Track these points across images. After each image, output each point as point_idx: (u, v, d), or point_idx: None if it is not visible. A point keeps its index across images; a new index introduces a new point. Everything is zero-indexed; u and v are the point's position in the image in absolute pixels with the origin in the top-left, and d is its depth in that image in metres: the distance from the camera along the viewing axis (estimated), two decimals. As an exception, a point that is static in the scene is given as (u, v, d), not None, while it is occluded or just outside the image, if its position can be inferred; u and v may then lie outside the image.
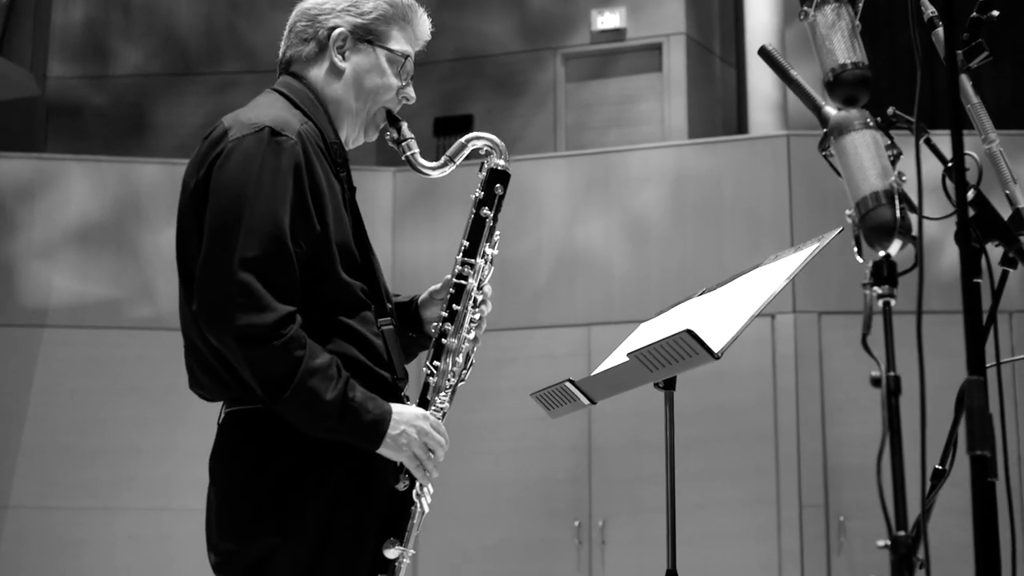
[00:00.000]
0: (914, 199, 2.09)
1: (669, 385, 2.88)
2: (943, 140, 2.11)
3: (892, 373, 1.90)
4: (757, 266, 2.92)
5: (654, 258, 9.00)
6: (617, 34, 11.05)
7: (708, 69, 11.24)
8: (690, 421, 7.60)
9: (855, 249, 2.08)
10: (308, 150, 2.69)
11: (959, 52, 2.42)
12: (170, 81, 11.47)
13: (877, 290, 1.96)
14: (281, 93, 2.86)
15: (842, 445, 8.44)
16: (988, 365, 2.14)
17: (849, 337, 8.33)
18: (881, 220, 2.01)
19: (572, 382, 2.96)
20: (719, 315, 2.70)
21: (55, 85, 11.26)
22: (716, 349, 2.52)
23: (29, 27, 9.78)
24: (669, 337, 2.57)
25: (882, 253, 1.99)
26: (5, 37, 9.45)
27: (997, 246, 2.32)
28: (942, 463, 2.35)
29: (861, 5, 2.21)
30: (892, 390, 1.89)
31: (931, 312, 3.26)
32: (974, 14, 2.44)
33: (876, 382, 1.90)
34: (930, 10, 2.45)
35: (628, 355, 2.71)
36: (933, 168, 2.24)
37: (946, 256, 8.01)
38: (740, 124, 11.19)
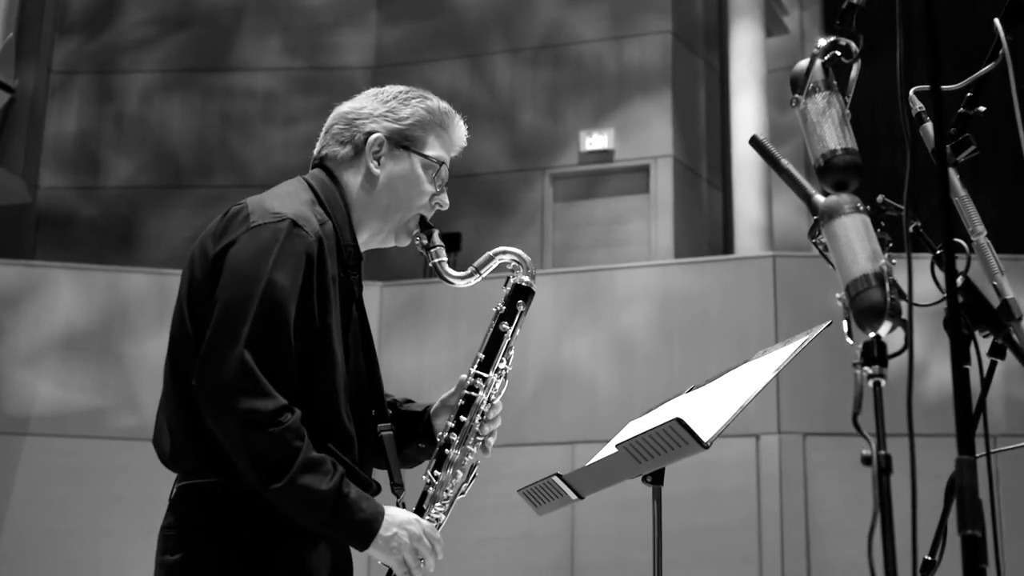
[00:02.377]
0: (903, 285, 2.11)
1: (657, 479, 2.86)
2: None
3: (883, 452, 1.90)
4: (745, 362, 2.92)
5: (640, 377, 9.00)
6: (605, 155, 11.18)
7: (695, 191, 11.35)
8: (673, 543, 7.52)
9: (845, 332, 2.08)
10: (323, 249, 2.69)
11: (948, 146, 2.45)
12: (161, 193, 11.54)
13: (867, 370, 1.96)
14: (310, 185, 2.87)
15: (827, 569, 8.38)
16: (979, 455, 2.14)
17: (834, 459, 8.32)
18: (871, 302, 2.02)
19: (560, 476, 2.94)
20: (708, 407, 2.70)
21: (46, 195, 11.32)
22: (705, 439, 2.52)
23: (23, 136, 9.86)
24: (658, 427, 2.57)
25: (872, 335, 1.99)
26: (-2, 146, 9.52)
27: (986, 335, 2.33)
28: (931, 553, 2.34)
29: (851, 95, 2.25)
30: (883, 468, 1.89)
31: (919, 435, 3.27)
32: (961, 109, 2.48)
33: (867, 460, 1.90)
34: (918, 105, 2.49)
35: (617, 446, 2.71)
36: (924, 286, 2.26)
37: (931, 378, 8.03)
38: (726, 246, 11.28)
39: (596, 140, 11.20)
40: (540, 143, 11.38)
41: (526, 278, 3.00)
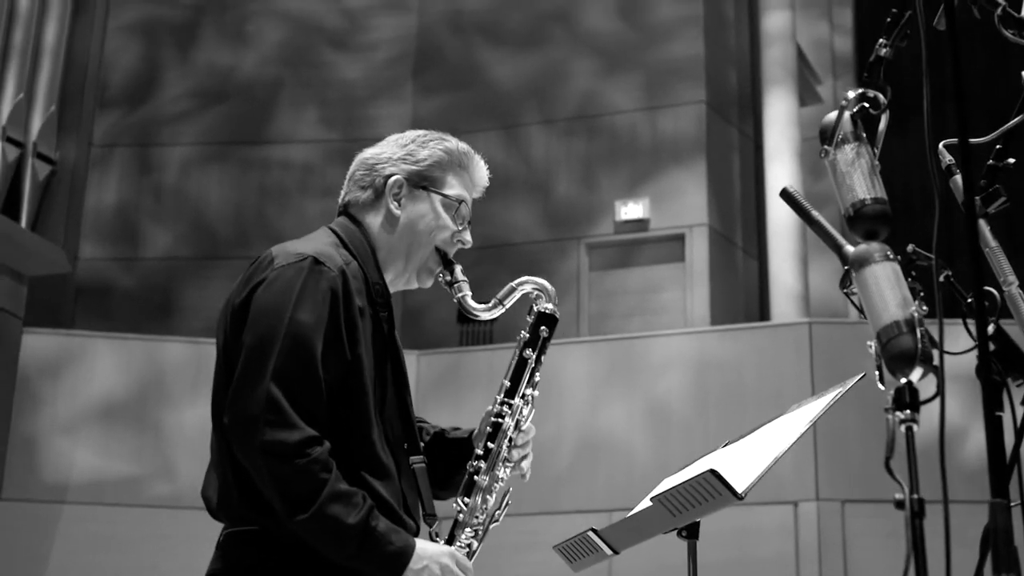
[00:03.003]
0: (935, 334, 2.12)
1: (692, 534, 2.87)
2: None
3: (915, 496, 1.90)
4: (779, 415, 2.93)
5: (676, 444, 8.98)
6: (640, 224, 11.20)
7: (730, 259, 11.36)
8: (712, 607, 7.48)
9: (876, 379, 2.10)
10: (348, 284, 2.75)
11: (977, 198, 2.47)
12: (198, 264, 11.64)
13: (899, 415, 1.97)
14: (334, 232, 2.94)
15: (867, 638, 8.30)
16: (1013, 504, 2.14)
17: (874, 526, 8.26)
18: (903, 348, 2.03)
19: (595, 531, 2.95)
20: (742, 459, 2.71)
21: (86, 266, 11.43)
22: (740, 490, 2.52)
23: (63, 208, 9.98)
24: (693, 479, 2.58)
25: (903, 380, 2.01)
26: (40, 215, 9.63)
27: (1020, 384, 2.33)
28: (968, 603, 2.33)
29: (880, 146, 2.27)
30: (915, 512, 1.90)
31: (955, 502, 3.25)
32: (991, 161, 2.51)
33: (900, 504, 1.91)
34: (947, 158, 2.51)
35: (652, 499, 2.71)
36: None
37: (971, 443, 7.97)
38: (762, 314, 11.27)
39: (631, 209, 11.24)
40: (575, 213, 11.43)
41: (549, 306, 3.04)
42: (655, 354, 9.40)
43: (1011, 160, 2.48)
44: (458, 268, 2.97)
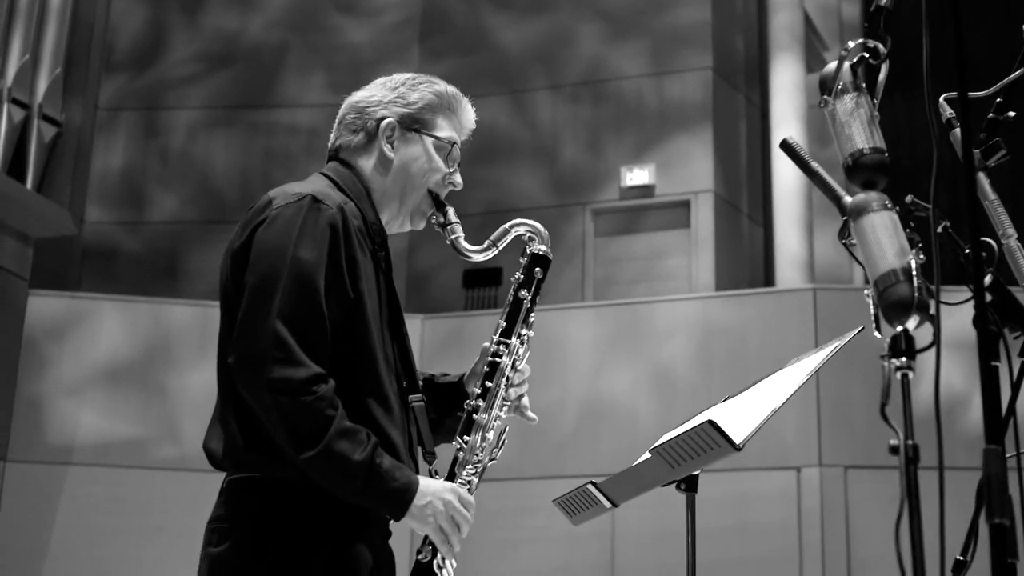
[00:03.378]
0: (932, 284, 2.12)
1: (691, 487, 2.88)
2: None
3: (910, 441, 1.91)
4: (778, 370, 2.94)
5: (680, 409, 8.97)
6: (646, 190, 11.19)
7: (735, 226, 11.35)
8: None
9: (873, 326, 2.10)
10: (347, 221, 2.76)
11: (976, 151, 2.47)
12: (204, 228, 11.64)
13: (895, 362, 1.98)
14: (327, 176, 2.94)
15: (869, 603, 8.32)
16: (1009, 455, 2.15)
17: (876, 492, 8.27)
18: (899, 296, 2.04)
19: (594, 484, 2.96)
20: (740, 412, 2.72)
21: (92, 229, 11.44)
22: (738, 441, 2.53)
23: (69, 170, 9.99)
24: (690, 430, 2.59)
25: (899, 328, 2.01)
26: (45, 177, 9.64)
27: (1016, 336, 2.34)
28: (963, 553, 2.34)
29: (880, 96, 2.27)
30: (911, 458, 1.90)
31: (955, 468, 3.26)
32: (991, 115, 2.50)
33: (895, 450, 1.91)
34: (948, 111, 2.51)
35: (650, 451, 2.72)
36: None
37: (972, 412, 7.98)
38: (767, 281, 11.26)
39: (637, 175, 11.22)
40: (581, 178, 11.41)
41: (543, 247, 3.06)
42: (660, 319, 9.41)
43: (1011, 113, 2.48)
44: (451, 210, 2.99)
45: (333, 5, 12.31)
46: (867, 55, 2.27)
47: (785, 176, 10.94)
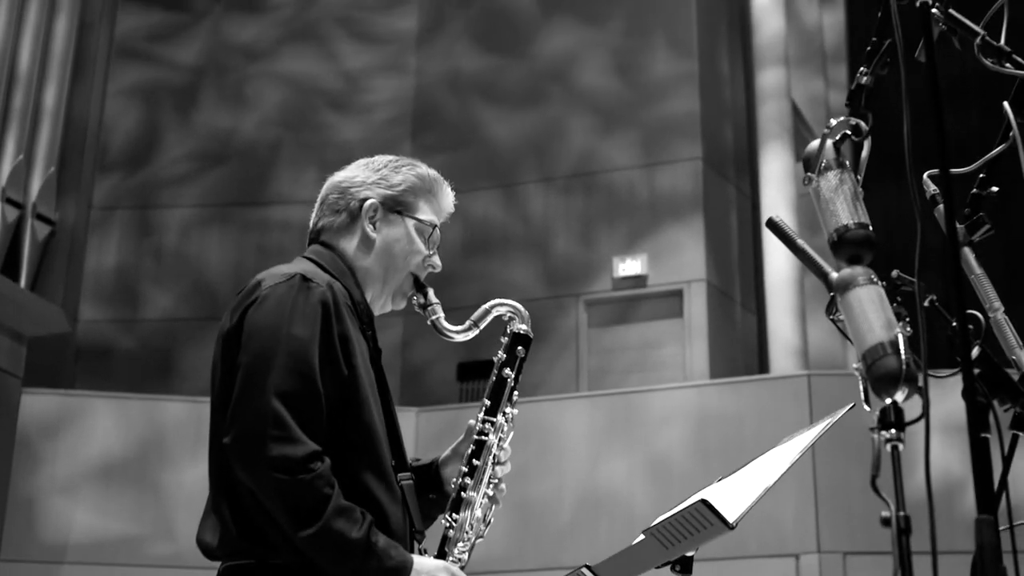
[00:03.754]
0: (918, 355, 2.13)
1: (685, 568, 2.86)
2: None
3: (902, 513, 1.91)
4: (769, 450, 2.94)
5: (677, 497, 8.86)
6: (638, 280, 11.24)
7: (729, 315, 11.38)
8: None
9: (863, 400, 2.11)
10: (337, 299, 2.78)
11: (962, 227, 2.50)
12: (198, 325, 11.65)
13: (884, 434, 1.99)
14: (310, 259, 2.96)
15: None
16: (1002, 528, 2.15)
17: (876, 579, 8.22)
18: (887, 369, 2.05)
19: (589, 567, 2.94)
20: (733, 491, 2.72)
21: (86, 328, 11.45)
22: (731, 519, 2.53)
23: (62, 269, 10.02)
24: (684, 509, 2.58)
25: (888, 400, 2.02)
26: (39, 276, 9.67)
27: (1007, 410, 2.34)
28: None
29: (863, 173, 2.30)
30: (902, 529, 1.90)
31: (953, 552, 3.26)
32: (974, 190, 2.53)
33: (886, 522, 1.91)
34: (932, 188, 2.54)
35: (643, 532, 2.72)
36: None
37: (969, 496, 7.93)
38: (762, 368, 11.27)
39: (629, 266, 11.27)
40: (574, 270, 11.47)
41: (523, 326, 3.06)
42: (655, 408, 9.40)
43: (994, 188, 2.51)
44: (431, 291, 3.01)
45: (325, 103, 12.43)
46: (849, 132, 2.30)
47: (777, 264, 10.99)
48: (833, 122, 2.31)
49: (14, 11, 9.78)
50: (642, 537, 2.75)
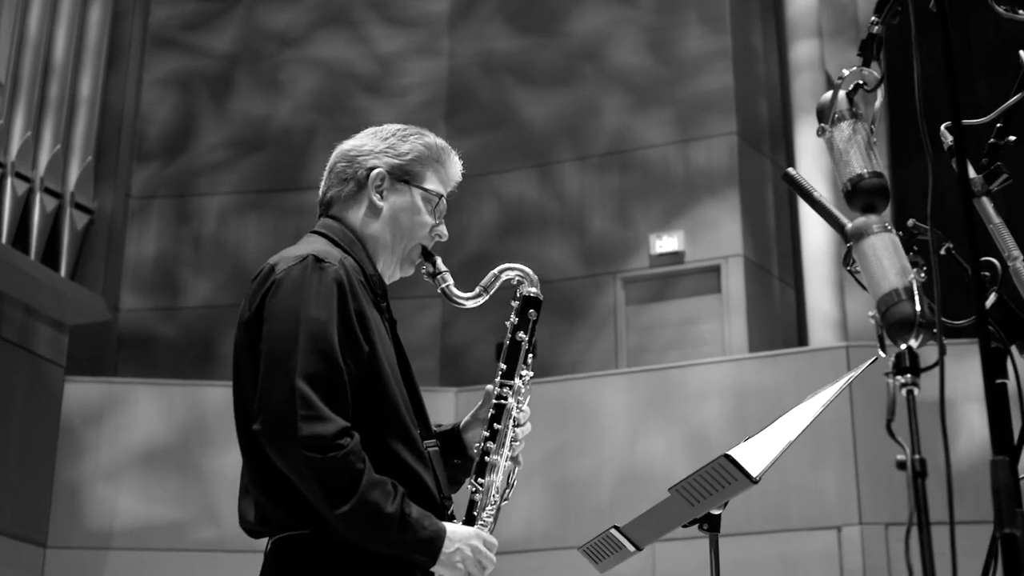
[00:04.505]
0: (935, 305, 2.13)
1: (713, 527, 2.88)
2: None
3: (917, 456, 1.92)
4: (794, 407, 2.95)
5: (717, 472, 8.95)
6: (675, 257, 11.21)
7: (767, 289, 11.35)
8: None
9: (878, 347, 2.11)
10: (351, 276, 2.80)
11: (979, 176, 2.49)
12: (238, 312, 11.70)
13: (900, 379, 1.99)
14: (321, 234, 2.99)
15: (917, 662, 8.21)
16: (1022, 477, 2.15)
17: (918, 548, 8.18)
18: (902, 315, 2.05)
19: (618, 528, 2.97)
20: (757, 447, 2.73)
21: (127, 317, 11.54)
22: (755, 474, 2.54)
23: (102, 257, 10.10)
24: (707, 465, 2.60)
25: (903, 346, 2.02)
26: (79, 265, 9.75)
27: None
28: (984, 574, 2.33)
29: (876, 122, 2.30)
30: (918, 472, 1.91)
31: (983, 522, 3.23)
32: (992, 140, 2.52)
33: (902, 465, 1.92)
34: (949, 139, 2.53)
35: (669, 490, 2.73)
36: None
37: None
38: (800, 342, 11.22)
39: (666, 242, 11.24)
40: (610, 248, 11.45)
41: (533, 289, 3.09)
42: (693, 383, 9.39)
43: (1012, 138, 2.50)
44: (438, 259, 3.03)
45: (360, 87, 12.46)
46: (862, 82, 2.30)
47: (814, 237, 10.94)
48: (845, 72, 2.31)
49: (48, 1, 9.86)
50: (668, 495, 2.77)
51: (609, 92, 11.80)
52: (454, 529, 2.76)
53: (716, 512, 2.82)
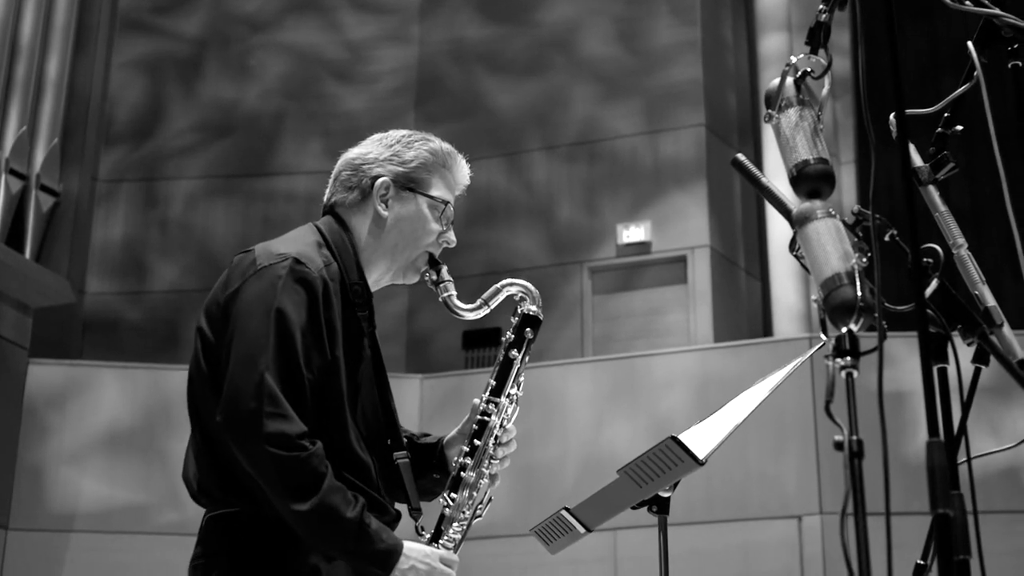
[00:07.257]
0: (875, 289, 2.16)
1: (662, 509, 2.91)
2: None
3: (855, 437, 1.95)
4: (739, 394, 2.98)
5: (680, 461, 8.99)
6: (642, 247, 11.25)
7: (733, 280, 11.40)
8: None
9: (820, 331, 2.15)
10: (328, 285, 2.80)
11: (926, 165, 2.53)
12: (204, 296, 11.61)
13: (840, 362, 2.02)
14: (318, 229, 2.97)
15: (875, 652, 8.28)
16: (960, 461, 2.19)
17: (877, 538, 8.24)
18: (843, 299, 2.08)
19: (568, 510, 2.99)
20: (705, 431, 2.76)
21: (92, 300, 11.51)
22: (701, 456, 2.57)
23: (67, 240, 10.08)
24: (654, 448, 2.63)
25: (844, 329, 2.05)
26: (44, 247, 9.72)
27: (969, 343, 2.38)
28: (923, 558, 2.37)
29: (823, 110, 2.33)
30: (855, 452, 1.94)
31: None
32: (939, 129, 2.56)
33: (839, 446, 1.95)
34: (896, 130, 2.57)
35: (617, 471, 2.76)
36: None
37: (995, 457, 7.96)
38: (765, 333, 11.29)
39: (633, 232, 11.28)
40: (578, 237, 11.48)
41: (533, 307, 3.07)
42: (658, 372, 9.44)
43: (959, 127, 2.53)
44: (444, 268, 3.00)
45: (329, 73, 12.44)
46: (809, 70, 2.32)
47: (780, 229, 10.99)
48: (793, 59, 2.34)
49: (15, -19, 9.84)
50: (616, 477, 2.80)
51: (578, 82, 11.83)
52: (411, 546, 2.76)
53: (665, 495, 2.85)
